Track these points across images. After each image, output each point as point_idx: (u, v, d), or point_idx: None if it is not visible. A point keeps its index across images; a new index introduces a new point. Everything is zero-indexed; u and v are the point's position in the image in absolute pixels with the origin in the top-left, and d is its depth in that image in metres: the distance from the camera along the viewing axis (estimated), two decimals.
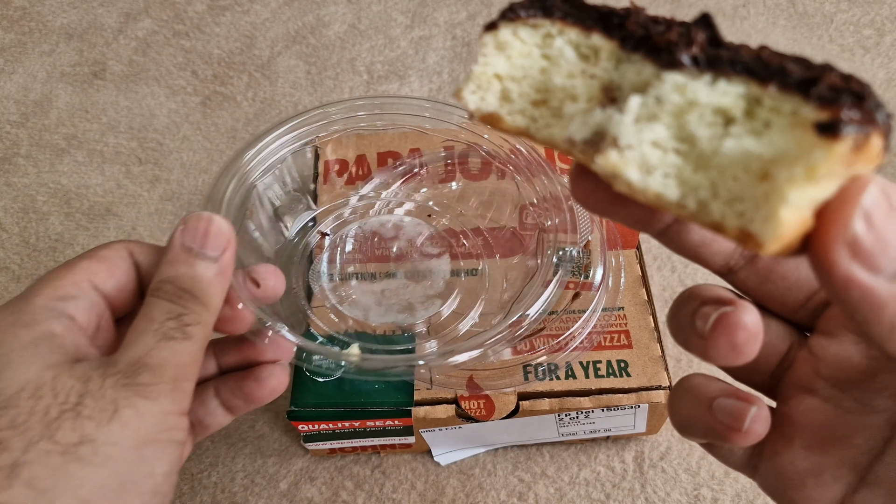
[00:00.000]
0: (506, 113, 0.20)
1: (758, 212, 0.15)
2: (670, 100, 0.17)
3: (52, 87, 0.62)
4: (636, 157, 0.17)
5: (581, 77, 0.19)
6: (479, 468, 0.42)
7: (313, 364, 0.33)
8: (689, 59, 0.17)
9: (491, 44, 0.20)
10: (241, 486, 0.42)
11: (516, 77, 0.20)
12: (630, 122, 0.17)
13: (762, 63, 0.16)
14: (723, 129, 0.16)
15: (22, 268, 0.52)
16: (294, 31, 0.66)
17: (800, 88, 0.15)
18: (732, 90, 0.16)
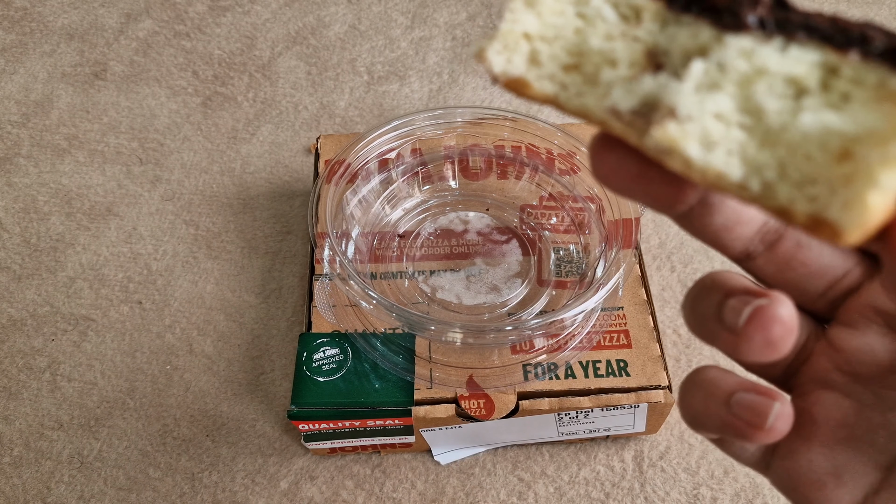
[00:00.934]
0: (534, 78, 0.17)
1: (835, 196, 0.13)
2: (736, 66, 0.14)
3: (53, 88, 0.62)
4: (697, 131, 0.14)
5: (622, 39, 0.17)
6: (479, 467, 0.42)
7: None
8: (756, 20, 0.14)
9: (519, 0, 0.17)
10: (241, 485, 0.42)
11: (547, 37, 0.17)
12: (691, 91, 0.14)
13: (839, 28, 0.14)
14: (794, 101, 0.14)
15: (23, 268, 0.52)
16: (294, 31, 0.66)
17: (886, 57, 0.14)
18: (806, 58, 0.14)
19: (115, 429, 0.44)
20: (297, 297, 0.50)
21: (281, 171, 0.57)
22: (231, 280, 0.51)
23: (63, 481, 0.42)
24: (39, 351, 0.48)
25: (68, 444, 0.44)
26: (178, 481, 0.42)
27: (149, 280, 0.51)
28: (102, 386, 0.46)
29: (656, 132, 0.15)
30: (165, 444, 0.44)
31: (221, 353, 0.47)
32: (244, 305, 0.49)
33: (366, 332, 0.40)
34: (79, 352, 0.48)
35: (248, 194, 0.55)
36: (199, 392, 0.46)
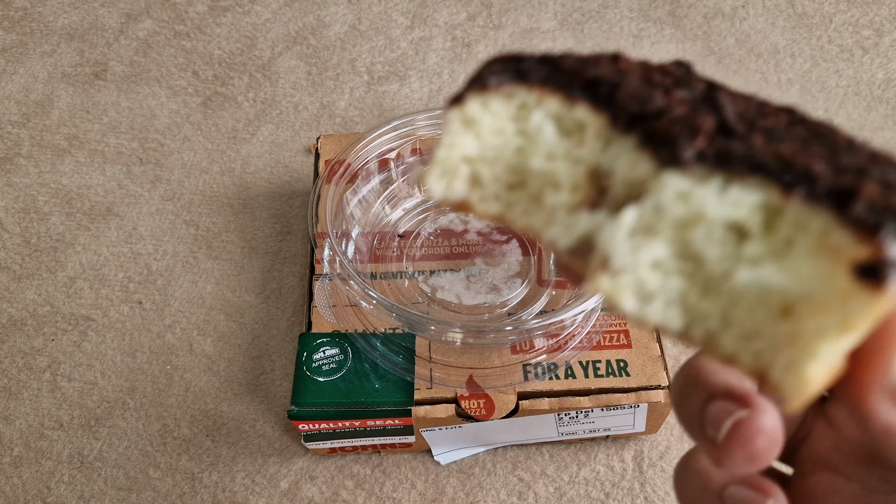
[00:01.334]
0: (477, 200, 0.17)
1: (778, 355, 0.13)
2: (672, 210, 0.13)
3: (54, 88, 0.62)
4: (632, 283, 0.13)
5: (564, 160, 0.16)
6: (478, 467, 0.42)
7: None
8: (693, 155, 0.13)
9: (457, 121, 0.16)
10: (241, 485, 0.42)
11: (488, 159, 0.16)
12: (624, 238, 0.14)
13: (783, 163, 0.13)
14: (735, 247, 0.13)
15: (23, 268, 0.52)
16: (295, 31, 0.66)
17: (832, 202, 0.12)
18: (747, 199, 0.13)
19: (115, 429, 0.44)
20: (297, 297, 0.50)
21: (281, 171, 0.57)
22: (231, 280, 0.51)
23: (63, 481, 0.42)
24: (39, 351, 0.48)
25: (68, 444, 0.44)
26: (178, 481, 0.42)
27: (149, 280, 0.51)
28: (102, 386, 0.46)
29: (589, 285, 0.14)
30: (165, 444, 0.44)
31: (221, 353, 0.47)
32: (244, 305, 0.49)
33: (366, 332, 0.40)
34: (79, 352, 0.48)
35: (248, 194, 0.55)
36: (200, 392, 0.46)
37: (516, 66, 0.16)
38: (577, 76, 0.16)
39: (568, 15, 0.67)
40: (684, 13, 0.66)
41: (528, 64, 0.16)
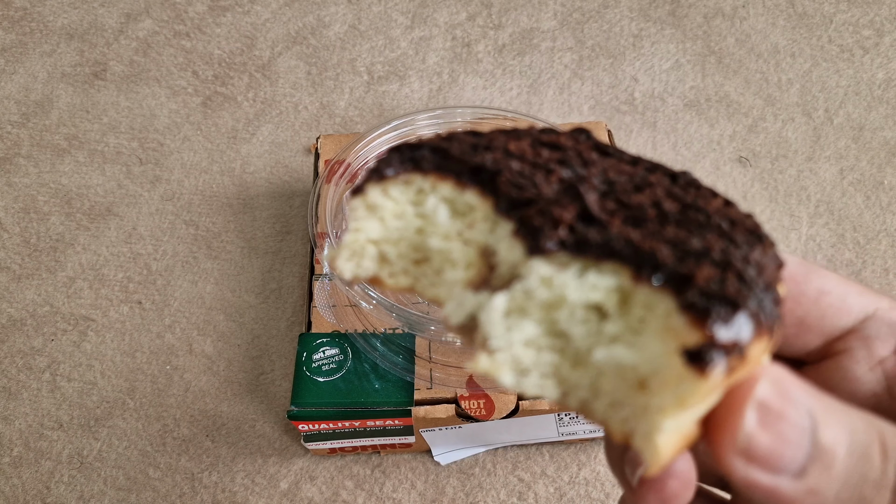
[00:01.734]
0: (386, 275, 0.18)
1: (638, 423, 0.14)
2: (538, 294, 0.15)
3: (53, 88, 0.62)
4: (508, 360, 0.15)
5: (457, 240, 0.17)
6: (478, 468, 0.42)
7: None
8: (554, 244, 0.15)
9: (360, 207, 0.18)
10: (241, 485, 0.42)
11: (392, 239, 0.18)
12: (498, 319, 0.15)
13: (634, 249, 0.14)
14: (598, 324, 0.15)
15: (23, 268, 0.52)
16: (294, 31, 0.66)
17: (672, 287, 0.14)
18: (603, 282, 0.14)
19: (114, 429, 0.44)
20: (297, 298, 0.49)
21: (281, 171, 0.56)
22: (231, 280, 0.51)
23: (63, 481, 0.42)
24: (39, 351, 0.48)
25: (68, 445, 0.44)
26: (177, 481, 0.42)
27: (149, 280, 0.51)
28: (102, 386, 0.46)
29: (469, 365, 0.15)
30: (165, 444, 0.44)
31: (221, 354, 0.47)
32: (244, 305, 0.49)
33: (366, 332, 0.40)
34: (78, 352, 0.48)
35: (247, 194, 0.55)
36: (199, 392, 0.45)
37: (411, 156, 0.18)
38: (464, 163, 0.17)
39: (568, 15, 0.67)
40: (684, 13, 0.66)
41: (422, 153, 0.18)
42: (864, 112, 0.59)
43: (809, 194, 0.55)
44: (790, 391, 0.14)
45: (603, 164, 0.17)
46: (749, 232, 0.15)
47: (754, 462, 0.14)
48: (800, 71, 0.62)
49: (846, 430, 0.15)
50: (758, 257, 0.14)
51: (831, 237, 0.52)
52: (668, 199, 0.16)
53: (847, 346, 0.20)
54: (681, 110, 0.59)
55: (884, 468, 0.14)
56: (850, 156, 0.56)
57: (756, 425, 0.14)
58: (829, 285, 0.20)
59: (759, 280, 0.14)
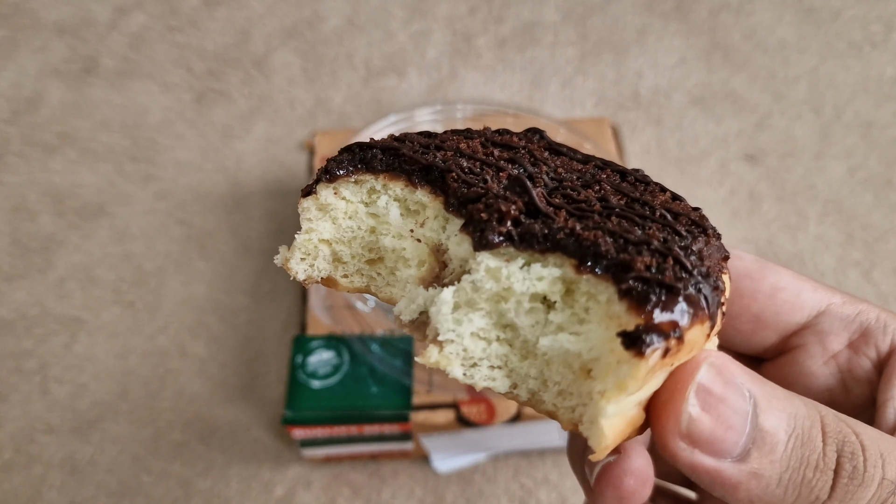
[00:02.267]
0: (340, 275, 0.19)
1: (585, 411, 0.15)
2: (486, 287, 0.16)
3: (44, 84, 0.61)
4: (458, 351, 0.16)
5: (410, 238, 0.18)
6: (479, 474, 0.41)
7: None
8: (500, 237, 0.15)
9: (312, 208, 0.18)
10: (236, 491, 0.41)
11: (345, 239, 0.19)
12: (448, 313, 0.16)
13: (576, 240, 0.15)
14: (545, 314, 0.15)
15: (13, 268, 0.51)
16: (290, 25, 0.65)
17: (612, 275, 0.14)
18: (548, 273, 0.15)
19: (107, 433, 0.43)
20: (292, 299, 0.48)
21: (276, 169, 0.55)
22: (224, 281, 0.49)
23: (55, 486, 0.42)
24: (30, 353, 0.47)
25: (60, 449, 0.43)
26: (171, 487, 0.41)
27: (141, 281, 0.50)
28: (94, 389, 0.45)
29: (420, 358, 0.16)
30: (158, 448, 0.43)
31: (215, 356, 0.46)
32: (238, 307, 0.48)
33: (363, 334, 0.39)
34: (70, 354, 0.47)
35: (241, 192, 0.54)
36: (193, 396, 0.44)
37: (362, 156, 0.18)
38: (415, 162, 0.18)
39: (571, 9, 0.65)
40: (690, 7, 0.65)
41: (373, 153, 0.18)
42: (873, 109, 0.58)
43: (817, 193, 0.53)
44: (732, 375, 0.15)
45: (554, 163, 0.18)
46: (693, 224, 0.16)
47: (697, 445, 0.14)
48: (807, 67, 0.61)
49: (787, 413, 0.15)
50: (700, 247, 0.15)
51: (839, 236, 0.51)
52: (615, 194, 0.17)
53: (802, 342, 0.20)
54: (686, 107, 0.58)
55: (825, 451, 0.15)
56: (859, 154, 0.55)
57: (698, 409, 0.14)
58: (783, 281, 0.20)
59: (699, 268, 0.14)
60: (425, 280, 0.17)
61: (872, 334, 0.20)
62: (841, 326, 0.20)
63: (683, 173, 0.55)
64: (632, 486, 0.16)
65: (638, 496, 0.16)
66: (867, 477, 0.15)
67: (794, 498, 0.15)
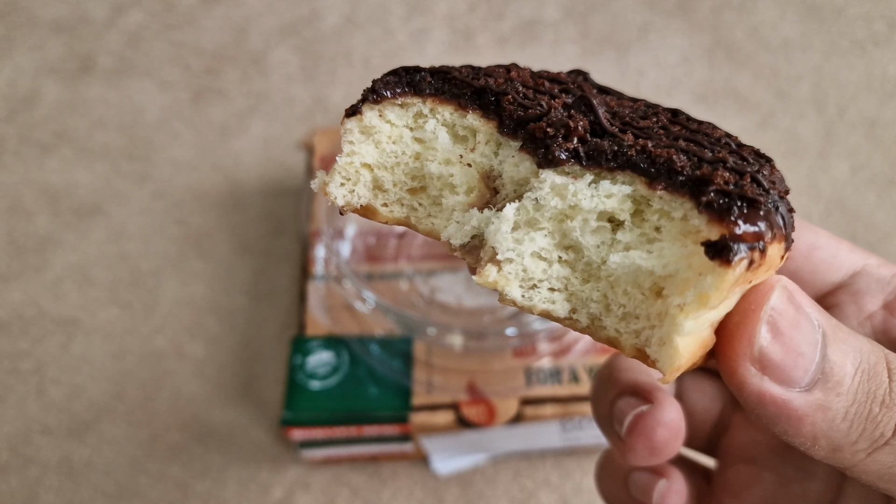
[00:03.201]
0: (380, 204, 0.18)
1: (653, 333, 0.14)
2: (550, 204, 0.15)
3: (40, 83, 0.60)
4: (517, 272, 0.15)
5: (458, 164, 0.17)
6: (479, 476, 0.41)
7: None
8: (567, 154, 0.15)
9: (355, 129, 0.18)
10: (234, 493, 0.41)
11: (388, 165, 0.18)
12: (507, 231, 0.15)
13: (648, 157, 0.14)
14: (611, 234, 0.15)
15: (9, 268, 0.50)
16: (288, 23, 0.64)
17: (689, 190, 0.14)
18: (617, 191, 0.15)
19: (103, 434, 0.43)
20: (290, 299, 0.48)
21: (273, 168, 0.55)
22: (222, 281, 0.49)
23: (51, 488, 0.41)
24: (26, 353, 0.46)
25: (56, 450, 0.42)
26: (168, 489, 0.41)
27: (138, 281, 0.49)
28: (91, 390, 0.45)
29: (477, 278, 0.15)
30: (155, 450, 0.42)
31: (212, 357, 0.46)
32: (235, 307, 0.48)
33: (362, 335, 0.39)
34: (66, 354, 0.46)
35: (239, 192, 0.54)
36: (190, 397, 0.44)
37: (410, 79, 0.18)
38: (467, 86, 0.17)
39: (572, 6, 0.65)
40: (692, 5, 0.64)
41: (421, 76, 0.18)
42: (877, 108, 0.57)
43: (820, 192, 0.53)
44: (803, 304, 0.15)
45: (605, 99, 0.18)
46: (756, 154, 0.15)
47: (767, 372, 0.14)
48: (810, 65, 0.60)
49: (854, 348, 0.15)
50: (768, 173, 0.15)
51: (843, 235, 0.50)
52: (673, 125, 0.16)
53: (837, 301, 0.20)
54: (689, 105, 0.58)
55: (891, 387, 0.15)
56: (862, 153, 0.55)
57: (770, 334, 0.14)
58: (820, 241, 0.20)
59: (772, 190, 0.14)
60: (475, 205, 0.17)
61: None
62: (877, 287, 0.20)
63: None
64: (665, 437, 0.16)
65: (670, 448, 0.16)
66: None
67: (859, 434, 0.15)
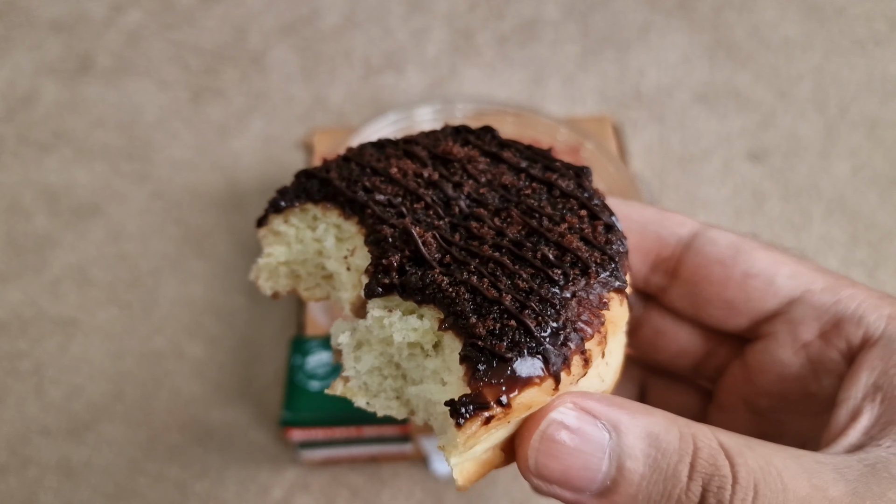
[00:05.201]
0: (303, 289, 0.21)
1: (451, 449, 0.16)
2: (374, 332, 0.17)
3: (39, 82, 0.60)
4: (360, 385, 0.17)
5: (343, 264, 0.20)
6: None
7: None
8: (382, 288, 0.17)
9: (268, 235, 0.21)
10: (233, 493, 0.41)
11: (299, 260, 0.21)
12: (348, 353, 0.17)
13: (442, 295, 0.16)
14: (423, 359, 0.17)
15: (8, 268, 0.50)
16: (288, 23, 0.64)
17: (463, 335, 0.16)
18: (419, 325, 0.17)
19: (102, 435, 0.43)
20: (290, 299, 0.48)
21: (273, 167, 0.55)
22: (221, 281, 0.49)
23: (50, 489, 0.41)
24: (25, 354, 0.46)
25: (55, 451, 0.42)
26: (167, 489, 0.41)
27: (137, 281, 0.49)
28: (90, 390, 0.45)
29: (329, 391, 0.18)
30: (154, 451, 0.42)
31: (212, 357, 0.46)
32: (235, 307, 0.48)
33: None
34: (65, 355, 0.46)
35: (238, 191, 0.53)
36: (189, 397, 0.44)
37: (305, 186, 0.20)
38: (342, 194, 0.19)
39: (572, 5, 0.65)
40: (693, 4, 0.64)
41: (311, 183, 0.20)
42: (878, 107, 0.57)
43: (821, 192, 0.53)
44: (583, 420, 0.16)
45: (486, 176, 0.19)
46: (577, 262, 0.17)
47: (553, 483, 0.16)
48: (811, 64, 0.60)
49: (654, 445, 0.15)
50: (571, 292, 0.16)
51: (843, 236, 0.51)
52: (519, 222, 0.18)
53: (773, 330, 0.20)
54: (689, 104, 0.58)
55: (689, 486, 0.15)
56: (863, 152, 0.55)
57: (545, 454, 0.15)
58: (756, 267, 0.20)
59: (551, 324, 0.15)
60: (355, 305, 0.19)
61: (845, 326, 0.19)
62: (813, 316, 0.20)
63: (686, 172, 0.54)
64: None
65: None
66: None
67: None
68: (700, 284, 0.21)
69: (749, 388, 0.21)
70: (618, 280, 0.17)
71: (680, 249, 0.21)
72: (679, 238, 0.22)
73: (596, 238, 0.17)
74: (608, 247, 0.17)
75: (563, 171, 0.19)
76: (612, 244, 0.17)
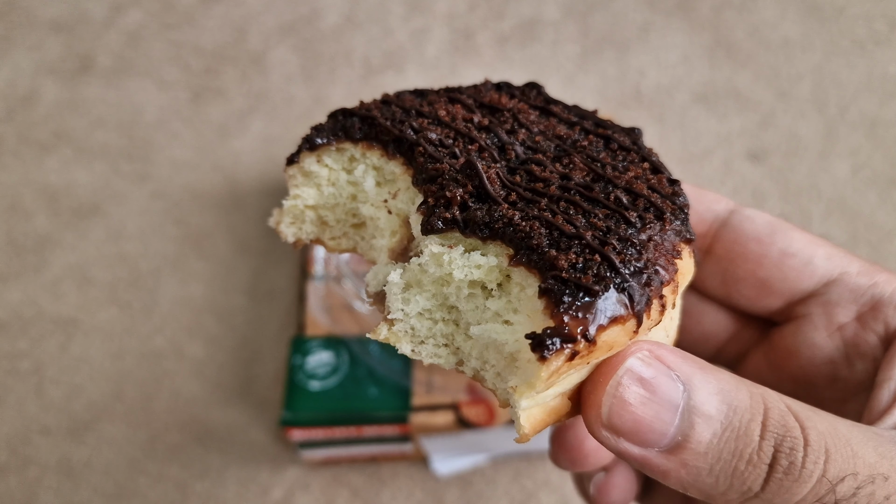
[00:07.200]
0: (328, 238, 0.20)
1: (510, 396, 0.15)
2: (430, 271, 0.16)
3: (39, 82, 0.60)
4: (406, 329, 0.16)
5: (382, 209, 0.18)
6: (479, 476, 0.41)
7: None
8: (443, 223, 0.16)
9: (297, 175, 0.19)
10: (233, 493, 0.41)
11: (329, 205, 0.19)
12: (397, 294, 0.16)
13: (513, 230, 0.15)
14: (483, 300, 0.16)
15: (8, 268, 0.50)
16: (288, 23, 0.64)
17: (539, 269, 0.15)
18: (485, 262, 0.16)
19: (103, 435, 0.43)
20: (290, 299, 0.48)
21: (273, 167, 0.55)
22: (221, 281, 0.49)
23: (50, 488, 0.41)
24: (25, 354, 0.46)
25: (55, 451, 0.42)
26: (167, 489, 0.41)
27: (137, 281, 0.49)
28: (90, 390, 0.45)
29: (371, 335, 0.17)
30: (155, 450, 0.42)
31: (212, 357, 0.46)
32: (235, 307, 0.48)
33: (361, 335, 0.39)
34: (65, 355, 0.46)
35: (238, 191, 0.53)
36: (190, 397, 0.44)
37: (343, 124, 0.19)
38: (388, 132, 0.18)
39: (572, 5, 0.65)
40: (693, 4, 0.64)
41: (352, 121, 0.19)
42: (877, 107, 0.57)
43: (821, 192, 0.53)
44: (660, 368, 0.15)
45: (538, 126, 0.18)
46: (651, 207, 0.16)
47: (621, 436, 0.15)
48: (811, 64, 0.60)
49: (728, 404, 0.15)
50: (648, 236, 0.15)
51: (843, 235, 0.51)
52: (583, 168, 0.17)
53: (808, 311, 0.20)
54: (689, 104, 0.58)
55: (761, 445, 0.15)
56: (863, 152, 0.55)
57: (619, 403, 0.14)
58: (794, 247, 0.20)
59: (634, 262, 0.14)
60: (394, 251, 0.18)
61: (883, 308, 0.19)
62: (850, 298, 0.19)
63: (686, 172, 0.54)
64: (619, 496, 0.18)
65: (623, 497, 0.19)
66: (804, 473, 0.14)
67: (727, 487, 0.15)
68: (735, 262, 0.20)
69: (772, 375, 0.20)
70: (688, 231, 0.16)
71: (717, 226, 0.21)
72: (716, 215, 0.21)
73: (663, 189, 0.16)
74: (676, 198, 0.16)
75: (615, 128, 0.18)
76: (678, 196, 0.16)
